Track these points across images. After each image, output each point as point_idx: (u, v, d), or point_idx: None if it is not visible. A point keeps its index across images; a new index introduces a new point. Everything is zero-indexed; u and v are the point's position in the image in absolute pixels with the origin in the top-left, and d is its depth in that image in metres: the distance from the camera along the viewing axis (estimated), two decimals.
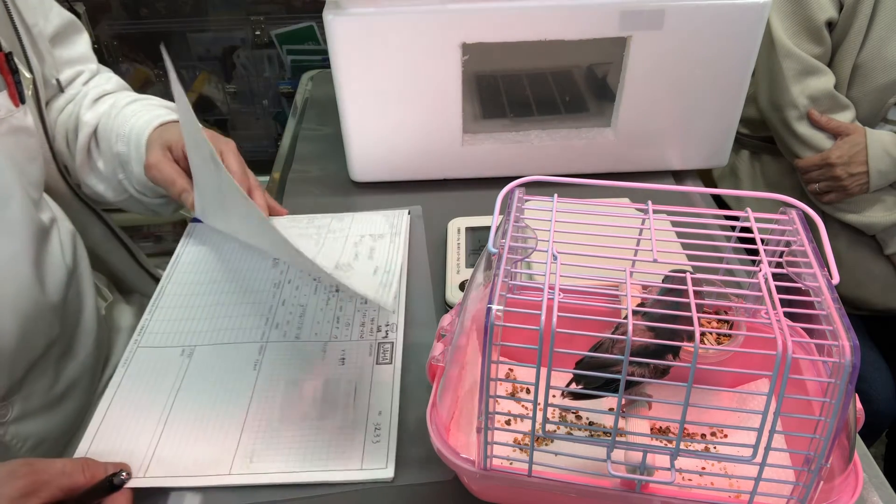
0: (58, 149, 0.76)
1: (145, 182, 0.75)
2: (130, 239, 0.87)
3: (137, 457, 0.54)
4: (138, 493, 0.52)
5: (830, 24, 1.00)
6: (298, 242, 0.60)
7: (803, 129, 1.03)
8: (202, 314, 0.67)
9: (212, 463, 0.54)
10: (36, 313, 0.63)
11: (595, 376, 0.43)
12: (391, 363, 0.62)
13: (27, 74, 0.70)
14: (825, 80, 1.00)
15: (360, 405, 0.58)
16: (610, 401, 0.51)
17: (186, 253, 0.75)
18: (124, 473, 0.51)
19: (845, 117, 1.01)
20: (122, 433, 0.56)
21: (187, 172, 0.72)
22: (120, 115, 0.76)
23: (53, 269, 0.67)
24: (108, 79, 0.82)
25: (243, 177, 0.72)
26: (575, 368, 0.46)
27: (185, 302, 0.68)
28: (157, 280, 0.89)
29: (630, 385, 0.46)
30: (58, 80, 0.77)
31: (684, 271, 0.44)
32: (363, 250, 0.68)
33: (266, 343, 0.64)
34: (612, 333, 0.46)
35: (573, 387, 0.46)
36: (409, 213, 0.79)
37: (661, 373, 0.45)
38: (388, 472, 0.53)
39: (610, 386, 0.44)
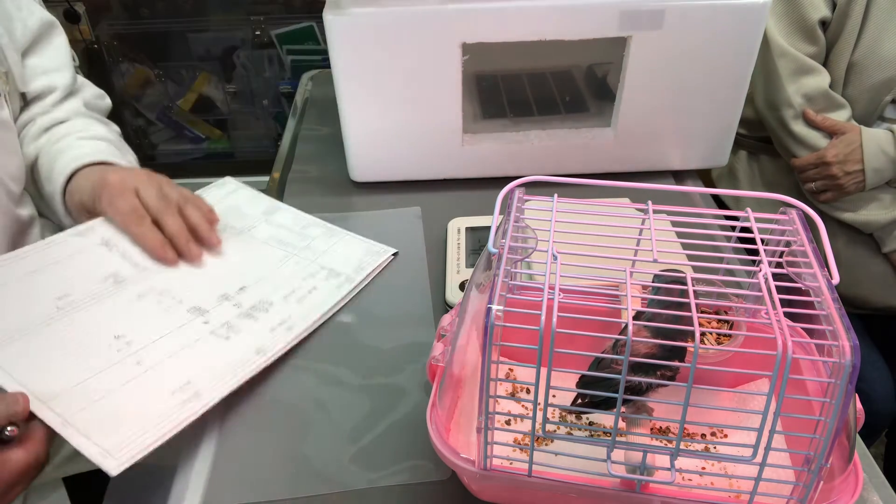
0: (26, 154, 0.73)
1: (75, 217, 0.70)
2: None
3: None
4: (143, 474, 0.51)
5: (824, 24, 1.00)
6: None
7: (799, 128, 1.03)
8: None
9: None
10: None
11: (599, 377, 0.43)
12: None
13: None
14: (820, 79, 1.01)
15: None
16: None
17: None
18: (9, 429, 0.46)
19: (841, 116, 1.01)
20: None
21: None
22: (49, 154, 0.71)
23: None
24: (72, 106, 0.76)
25: (160, 202, 0.66)
26: (579, 382, 0.46)
27: None
28: None
29: (637, 393, 0.46)
30: (23, 94, 0.73)
31: (677, 271, 0.44)
32: (303, 291, 0.69)
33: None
34: (615, 342, 0.46)
35: (579, 402, 0.46)
36: (394, 255, 0.76)
37: (669, 379, 0.45)
38: None
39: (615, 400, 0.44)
